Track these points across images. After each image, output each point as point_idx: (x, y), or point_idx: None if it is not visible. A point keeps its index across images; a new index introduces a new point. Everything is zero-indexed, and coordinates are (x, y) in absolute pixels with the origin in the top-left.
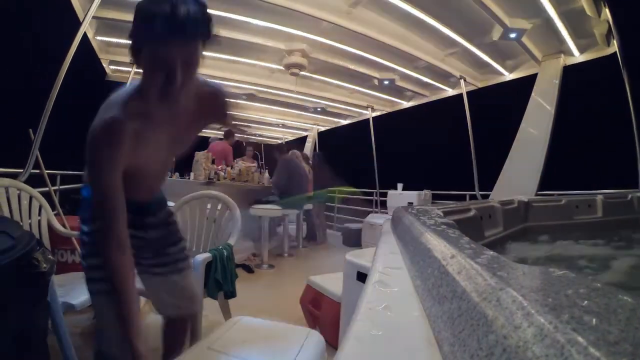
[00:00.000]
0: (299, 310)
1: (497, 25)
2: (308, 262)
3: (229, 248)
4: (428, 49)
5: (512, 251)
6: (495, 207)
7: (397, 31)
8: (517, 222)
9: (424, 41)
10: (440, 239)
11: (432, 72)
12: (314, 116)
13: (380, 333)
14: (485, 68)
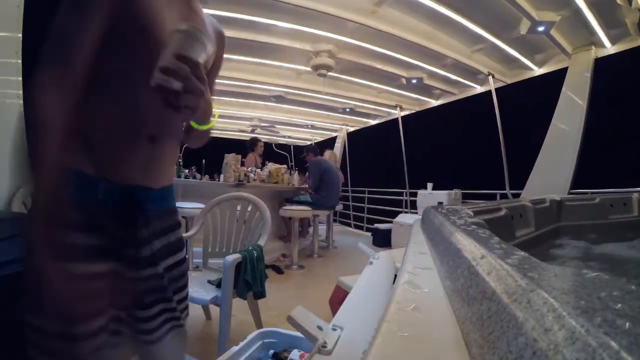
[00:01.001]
0: (328, 311)
1: (524, 18)
2: (338, 262)
3: (259, 249)
4: (455, 46)
5: (544, 252)
6: (526, 207)
7: (423, 29)
8: (549, 222)
9: (450, 38)
10: (470, 239)
11: (460, 70)
12: (342, 116)
13: (409, 334)
14: (514, 63)
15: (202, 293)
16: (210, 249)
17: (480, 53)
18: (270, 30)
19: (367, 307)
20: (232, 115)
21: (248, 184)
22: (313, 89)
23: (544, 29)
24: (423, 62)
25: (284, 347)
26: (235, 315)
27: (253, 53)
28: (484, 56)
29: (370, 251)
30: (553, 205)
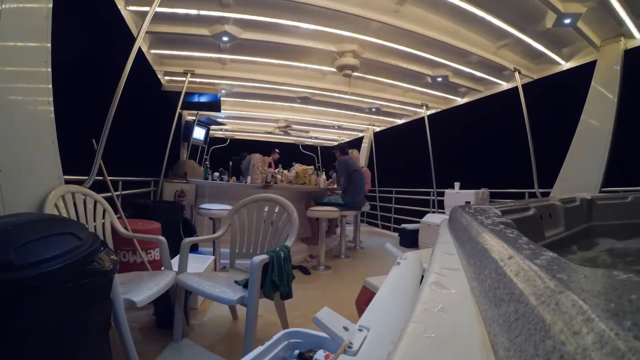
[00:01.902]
0: (354, 312)
1: (549, 11)
2: (365, 263)
3: (286, 250)
4: (479, 42)
5: (574, 252)
6: (556, 206)
7: (446, 26)
8: (579, 222)
9: (474, 34)
10: (497, 239)
11: (485, 66)
12: (369, 117)
13: (435, 335)
14: (540, 58)
15: (229, 293)
16: (237, 249)
17: (506, 48)
18: (294, 32)
19: (393, 307)
20: (258, 117)
21: (275, 185)
22: (339, 89)
23: (570, 22)
24: (448, 60)
25: (309, 347)
26: (262, 315)
27: (278, 55)
28: (509, 52)
29: (398, 252)
30: (584, 204)
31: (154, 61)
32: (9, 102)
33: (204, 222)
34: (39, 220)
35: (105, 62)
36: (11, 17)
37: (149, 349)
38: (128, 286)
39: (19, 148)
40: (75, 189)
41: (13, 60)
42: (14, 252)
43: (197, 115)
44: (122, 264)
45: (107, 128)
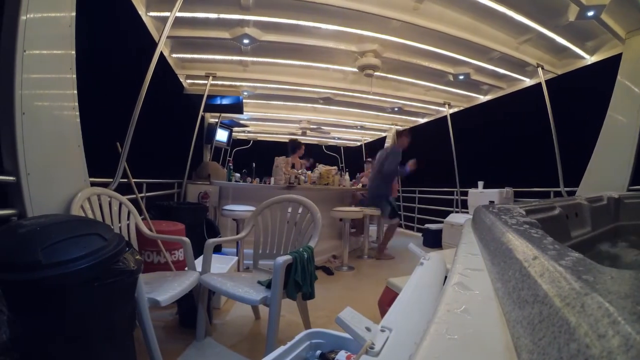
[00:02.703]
0: (377, 313)
1: (572, 4)
2: (388, 263)
3: (309, 250)
4: (500, 38)
5: (601, 253)
6: (582, 205)
7: (467, 22)
8: (607, 221)
9: (495, 30)
10: (522, 239)
11: (507, 63)
12: (391, 116)
13: (457, 337)
14: (564, 53)
15: (252, 293)
16: (260, 250)
17: (528, 44)
18: (314, 32)
19: (416, 308)
20: (281, 119)
21: (299, 186)
22: (361, 89)
23: (593, 14)
24: (469, 57)
25: (331, 347)
26: (284, 315)
27: (299, 56)
28: (531, 47)
29: (421, 252)
30: (611, 203)
31: (176, 65)
32: (36, 108)
33: (228, 224)
34: (66, 221)
35: (128, 67)
36: (36, 26)
37: (172, 347)
38: (152, 286)
39: (46, 152)
40: (101, 191)
41: (39, 68)
42: (42, 252)
43: (219, 117)
44: (147, 264)
45: (131, 132)
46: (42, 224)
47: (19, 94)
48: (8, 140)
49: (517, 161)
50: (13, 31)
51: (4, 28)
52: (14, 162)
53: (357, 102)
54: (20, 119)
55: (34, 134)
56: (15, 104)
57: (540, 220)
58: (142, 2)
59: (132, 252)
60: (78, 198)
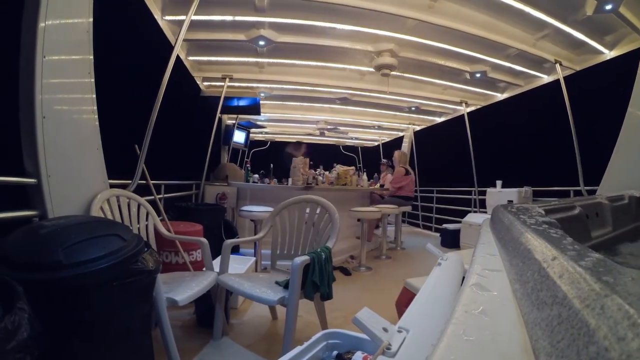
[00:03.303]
0: (394, 313)
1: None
2: (406, 263)
3: (327, 251)
4: (517, 35)
5: (623, 254)
6: (602, 204)
7: (483, 20)
8: (628, 221)
9: (511, 27)
10: (541, 240)
11: (525, 59)
12: (408, 116)
13: (474, 338)
14: (582, 48)
15: (269, 294)
16: (278, 251)
17: (545, 40)
18: (330, 33)
19: (433, 309)
20: (298, 119)
21: (316, 186)
22: (377, 89)
23: (611, 7)
24: (485, 55)
25: (348, 348)
26: (301, 315)
27: (316, 57)
28: (549, 43)
29: (439, 252)
30: (632, 202)
31: (192, 67)
32: (56, 112)
33: (245, 224)
34: (86, 222)
35: (145, 71)
36: (55, 33)
37: (189, 346)
38: (170, 286)
39: (66, 154)
40: (120, 192)
41: (58, 73)
42: (62, 252)
43: (237, 119)
44: (165, 264)
45: (149, 134)
46: (62, 224)
47: (39, 99)
48: (29, 143)
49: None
50: (32, 38)
51: (24, 35)
52: (35, 164)
53: (374, 102)
54: (41, 123)
55: (54, 137)
56: (36, 108)
57: (559, 220)
58: (157, 7)
59: (151, 253)
60: (97, 199)
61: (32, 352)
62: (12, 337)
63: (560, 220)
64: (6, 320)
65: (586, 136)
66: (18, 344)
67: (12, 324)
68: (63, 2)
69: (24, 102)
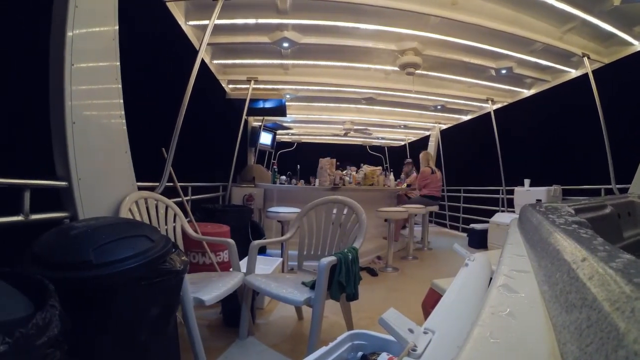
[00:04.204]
0: (421, 315)
1: None
2: (433, 264)
3: (354, 251)
4: (543, 29)
5: None
6: (635, 203)
7: (507, 14)
8: None
9: (537, 20)
10: (570, 240)
11: (551, 54)
12: (434, 114)
13: (501, 341)
14: (610, 40)
15: (295, 294)
16: (305, 251)
17: (572, 33)
18: (354, 33)
19: (460, 310)
20: (324, 120)
21: (343, 187)
22: (403, 88)
23: None
24: (511, 50)
25: (373, 349)
26: (327, 316)
27: (340, 57)
28: (575, 36)
29: (466, 253)
30: None
31: (217, 71)
32: (85, 117)
33: (273, 225)
34: (115, 223)
35: (171, 75)
36: (82, 41)
37: (215, 345)
38: (197, 286)
39: (96, 158)
40: (148, 194)
41: (87, 80)
42: (92, 252)
43: (263, 120)
44: (192, 264)
45: (175, 137)
46: (92, 226)
47: (68, 105)
48: (60, 148)
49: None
50: (61, 47)
51: (52, 44)
52: (66, 168)
53: (400, 102)
54: (71, 128)
55: (84, 142)
56: (66, 114)
57: (590, 220)
58: (181, 12)
59: (178, 253)
60: (126, 201)
61: (62, 347)
62: (43, 332)
63: (590, 219)
64: (38, 317)
65: (617, 132)
66: (49, 340)
67: (44, 320)
68: (89, 12)
69: (55, 109)
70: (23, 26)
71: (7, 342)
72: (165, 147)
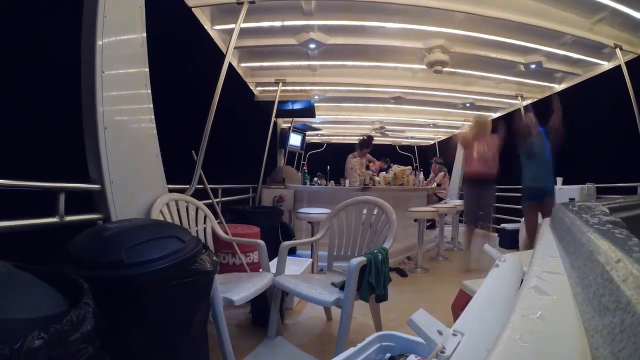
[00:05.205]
0: (450, 316)
1: None
2: (463, 265)
3: (384, 252)
4: (572, 20)
5: None
6: None
7: (534, 7)
8: None
9: (565, 12)
10: (604, 240)
11: (581, 46)
12: (463, 112)
13: (531, 344)
14: None
15: (324, 295)
16: (335, 252)
17: (602, 23)
18: (380, 32)
19: (490, 312)
20: (353, 120)
21: (373, 187)
22: (431, 86)
23: None
24: (539, 44)
25: (401, 351)
26: (356, 317)
27: (367, 57)
28: (606, 26)
29: (497, 253)
30: None
31: (245, 74)
32: (116, 122)
33: (303, 226)
34: (147, 225)
35: (199, 79)
36: (112, 49)
37: (244, 344)
38: (227, 286)
39: (127, 162)
40: (178, 196)
41: (117, 86)
42: (125, 252)
43: (292, 122)
44: (222, 265)
45: (205, 140)
46: (124, 227)
47: (100, 111)
48: (93, 153)
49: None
50: (91, 55)
51: (83, 52)
52: (99, 171)
53: (428, 100)
54: (103, 133)
55: (115, 146)
56: (98, 119)
57: (625, 220)
58: (207, 17)
59: (209, 254)
60: (157, 203)
61: (94, 343)
62: (76, 329)
63: (625, 219)
64: (72, 314)
65: None
66: (82, 335)
67: (78, 317)
68: (117, 21)
69: (87, 115)
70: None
71: (42, 337)
72: (195, 150)
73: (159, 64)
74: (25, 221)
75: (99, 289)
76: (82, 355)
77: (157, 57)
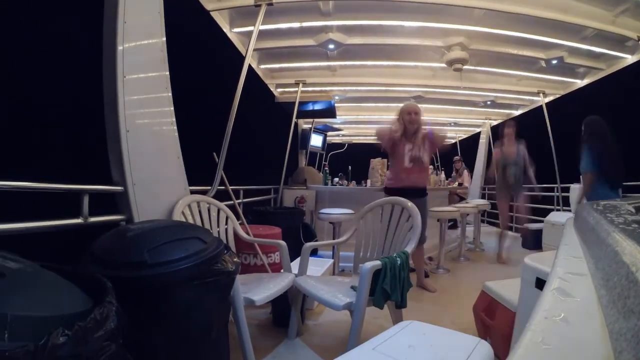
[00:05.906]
0: (471, 318)
1: None
2: (486, 266)
3: (404, 256)
4: (593, 13)
5: None
6: None
7: (554, 1)
8: None
9: (586, 5)
10: (630, 241)
11: (604, 39)
12: (484, 110)
13: (553, 347)
14: None
15: (337, 298)
16: (361, 254)
17: (625, 15)
18: (398, 31)
19: None
20: (374, 120)
21: None
22: (451, 85)
23: None
24: (560, 39)
25: None
26: (377, 319)
27: (386, 56)
28: (629, 18)
29: None
30: None
31: (265, 75)
32: (138, 126)
33: (324, 227)
34: (169, 226)
35: (219, 82)
36: (132, 54)
37: (264, 344)
38: (248, 286)
39: (149, 164)
40: (200, 198)
41: (138, 90)
42: (147, 252)
43: (313, 122)
44: (244, 265)
45: (226, 142)
46: (147, 228)
47: (122, 114)
48: (116, 155)
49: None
50: (113, 60)
51: (105, 58)
52: (122, 174)
53: (449, 99)
54: (125, 136)
55: (138, 149)
56: (120, 123)
57: None
58: (225, 20)
59: (230, 255)
60: (179, 205)
61: (117, 341)
62: (100, 326)
63: None
64: (95, 312)
65: None
66: (105, 333)
67: (101, 315)
68: (137, 26)
69: (109, 118)
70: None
71: (66, 333)
72: (216, 152)
73: (180, 68)
74: (50, 222)
75: (122, 289)
76: (105, 352)
77: (178, 61)
